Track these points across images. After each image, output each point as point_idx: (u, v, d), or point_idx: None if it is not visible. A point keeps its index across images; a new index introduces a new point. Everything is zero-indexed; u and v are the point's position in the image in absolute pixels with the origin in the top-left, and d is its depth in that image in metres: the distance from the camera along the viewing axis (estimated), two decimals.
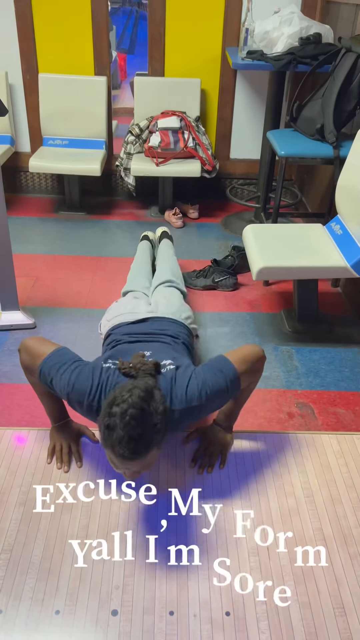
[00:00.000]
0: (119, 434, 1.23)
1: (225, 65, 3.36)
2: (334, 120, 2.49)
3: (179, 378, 1.46)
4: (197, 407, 1.44)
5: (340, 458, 1.75)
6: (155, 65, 3.40)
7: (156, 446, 1.30)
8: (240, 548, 1.46)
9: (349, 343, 2.35)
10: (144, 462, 1.29)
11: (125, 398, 1.26)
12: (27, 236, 3.23)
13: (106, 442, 1.27)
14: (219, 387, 1.46)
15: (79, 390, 1.44)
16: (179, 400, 1.42)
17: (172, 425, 1.41)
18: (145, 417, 1.26)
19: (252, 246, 2.25)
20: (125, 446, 1.23)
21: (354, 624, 1.31)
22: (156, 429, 1.28)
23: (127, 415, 1.23)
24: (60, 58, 3.36)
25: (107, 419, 1.26)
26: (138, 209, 3.65)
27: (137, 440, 1.24)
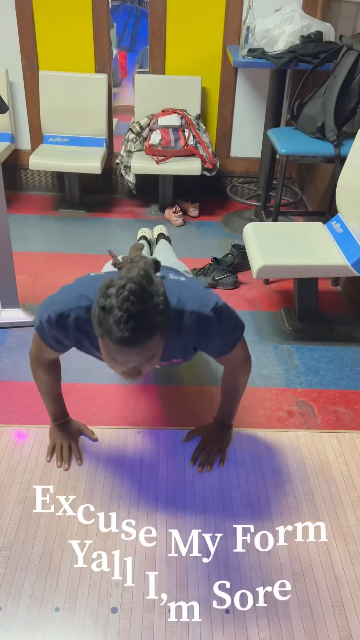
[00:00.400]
0: (116, 314, 1.06)
1: (226, 63, 3.35)
2: (335, 119, 2.49)
3: (189, 282, 1.32)
4: (208, 320, 1.29)
5: (340, 456, 1.75)
6: (156, 63, 3.39)
7: (158, 333, 1.12)
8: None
9: (349, 342, 2.35)
10: (145, 352, 1.12)
11: (123, 275, 1.09)
12: (27, 234, 3.23)
13: (102, 328, 1.09)
14: (233, 316, 1.37)
15: (63, 300, 1.30)
16: (191, 300, 1.28)
17: (175, 330, 1.29)
18: (146, 294, 1.08)
19: (252, 244, 2.25)
20: (124, 326, 1.05)
21: (353, 622, 1.31)
22: (159, 310, 1.10)
23: (125, 290, 1.06)
24: (61, 55, 3.36)
25: (103, 301, 1.09)
26: (138, 207, 3.64)
27: (138, 319, 1.06)
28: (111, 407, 1.93)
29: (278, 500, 1.60)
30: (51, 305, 1.35)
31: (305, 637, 1.28)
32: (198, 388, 2.05)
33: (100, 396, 1.98)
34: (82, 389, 2.01)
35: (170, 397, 1.99)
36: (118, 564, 1.41)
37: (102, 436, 1.79)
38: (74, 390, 1.98)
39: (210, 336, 1.36)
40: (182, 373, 2.13)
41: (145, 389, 2.03)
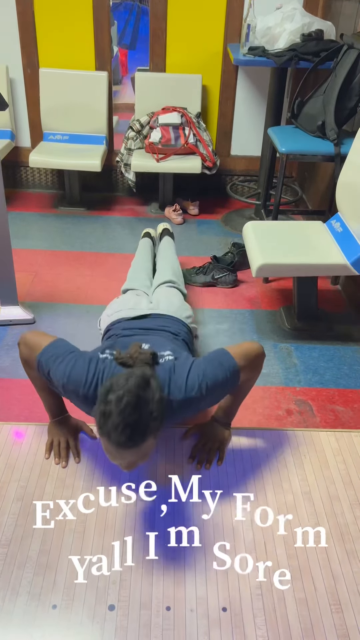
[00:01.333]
0: (114, 421, 1.21)
1: (227, 61, 3.35)
2: (335, 117, 2.49)
3: (178, 368, 1.45)
4: (196, 399, 1.43)
5: (338, 455, 1.75)
6: (157, 61, 3.39)
7: (153, 435, 1.28)
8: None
9: (348, 341, 2.35)
10: (140, 452, 1.27)
11: (122, 385, 1.24)
12: (26, 231, 3.23)
13: (102, 430, 1.25)
14: (219, 379, 1.45)
15: (75, 380, 1.43)
16: (178, 390, 1.42)
17: (169, 416, 1.41)
18: (142, 404, 1.24)
19: (252, 243, 2.25)
20: (121, 433, 1.21)
21: (350, 620, 1.31)
22: (153, 417, 1.26)
23: (122, 401, 1.21)
24: (61, 53, 3.35)
25: (103, 406, 1.24)
26: (138, 205, 3.64)
27: (133, 427, 1.22)
28: None
29: (276, 498, 1.60)
30: (65, 372, 1.44)
31: (302, 635, 1.28)
32: None
33: None
34: None
35: None
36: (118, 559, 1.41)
37: None
38: None
39: (203, 406, 1.51)
40: None
41: None
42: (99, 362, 1.46)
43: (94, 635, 1.26)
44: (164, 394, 1.37)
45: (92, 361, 1.46)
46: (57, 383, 1.47)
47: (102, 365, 1.45)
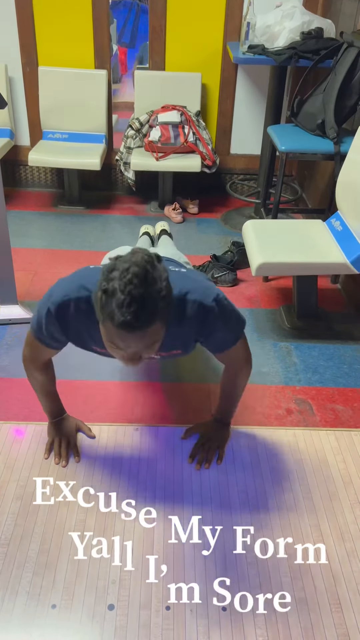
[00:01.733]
0: (119, 297, 1.05)
1: (226, 59, 3.34)
2: (335, 116, 2.48)
3: (192, 273, 1.33)
4: (210, 311, 1.30)
5: (338, 454, 1.75)
6: (156, 59, 3.38)
7: (160, 320, 1.12)
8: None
9: (348, 340, 2.34)
10: (146, 338, 1.12)
11: (127, 259, 1.09)
12: (26, 230, 3.22)
13: (104, 312, 1.09)
14: (234, 312, 1.38)
15: (62, 291, 1.29)
16: (194, 289, 1.28)
17: (179, 319, 1.28)
18: (149, 278, 1.08)
19: (251, 242, 2.25)
20: (126, 309, 1.05)
21: (350, 619, 1.31)
22: (161, 296, 1.09)
23: (129, 273, 1.06)
24: (61, 51, 3.34)
25: (105, 284, 1.08)
26: (138, 203, 3.63)
27: (140, 303, 1.06)
28: (109, 404, 1.93)
29: (276, 498, 1.59)
30: (49, 297, 1.34)
31: (303, 634, 1.28)
32: (197, 385, 2.04)
33: (99, 393, 1.97)
34: (80, 386, 2.00)
35: (169, 394, 1.99)
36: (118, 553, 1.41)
37: (100, 433, 1.78)
38: (72, 387, 1.98)
39: (211, 327, 1.36)
40: (181, 370, 2.12)
41: (143, 385, 2.03)
42: (89, 269, 1.34)
43: (94, 635, 1.26)
44: (178, 291, 1.23)
45: (79, 271, 1.34)
46: (50, 320, 1.33)
47: (94, 271, 1.30)
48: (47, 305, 1.34)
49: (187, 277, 1.35)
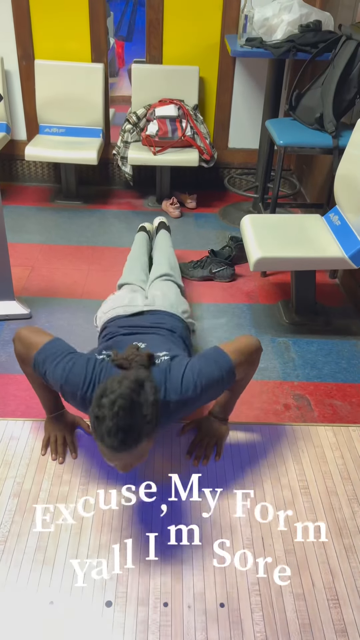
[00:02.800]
0: (107, 425, 1.20)
1: (224, 52, 3.32)
2: (334, 110, 2.46)
3: (173, 368, 1.44)
4: (192, 398, 1.43)
5: (336, 450, 1.75)
6: (154, 53, 3.36)
7: (147, 438, 1.27)
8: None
9: (347, 335, 2.34)
10: (135, 454, 1.27)
11: (115, 389, 1.23)
12: (23, 225, 3.20)
13: (96, 434, 1.24)
14: (215, 377, 1.45)
15: (73, 382, 1.42)
16: (173, 390, 1.41)
17: (166, 416, 1.40)
18: (135, 407, 1.23)
19: (249, 237, 2.24)
20: (114, 437, 1.20)
21: (348, 615, 1.31)
22: (146, 420, 1.25)
23: (115, 405, 1.20)
24: (57, 44, 3.32)
25: (97, 410, 1.23)
26: (135, 198, 3.62)
27: (126, 431, 1.21)
28: None
29: (274, 493, 1.59)
30: (62, 373, 1.43)
31: (300, 630, 1.27)
32: None
33: None
34: None
35: None
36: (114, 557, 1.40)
37: None
38: None
39: (201, 402, 1.50)
40: None
41: None
42: (97, 364, 1.45)
43: (91, 632, 1.26)
44: (160, 395, 1.36)
45: (90, 363, 1.45)
46: (55, 383, 1.46)
47: (100, 367, 1.44)
48: (57, 377, 1.44)
49: (169, 376, 1.43)
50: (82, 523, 1.48)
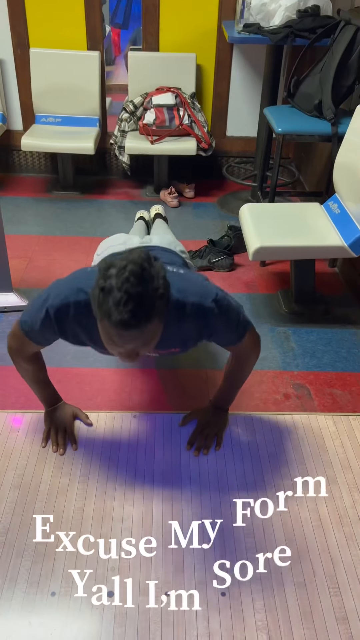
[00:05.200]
0: (116, 295, 1.05)
1: (222, 39, 3.28)
2: (333, 96, 2.44)
3: (188, 275, 1.32)
4: (210, 312, 1.29)
5: (337, 439, 1.75)
6: (150, 40, 3.31)
7: (158, 317, 1.11)
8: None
9: (346, 324, 2.33)
10: (144, 336, 1.11)
11: (125, 256, 1.08)
12: (20, 216, 3.18)
13: (101, 310, 1.08)
14: (233, 313, 1.37)
15: (60, 295, 1.28)
16: (192, 292, 1.27)
17: (177, 320, 1.28)
18: (146, 276, 1.07)
19: (248, 226, 2.22)
20: (123, 308, 1.04)
21: (349, 603, 1.31)
22: (158, 294, 1.09)
23: (125, 271, 1.05)
24: (52, 32, 3.27)
25: (102, 282, 1.08)
26: (133, 188, 3.59)
27: (138, 302, 1.05)
28: (107, 391, 1.92)
29: (274, 482, 1.59)
30: (46, 299, 1.32)
31: (301, 618, 1.28)
32: (194, 371, 2.03)
33: (96, 380, 1.96)
34: (78, 373, 1.99)
35: (167, 381, 1.98)
36: (115, 547, 1.41)
37: (97, 420, 1.78)
38: (69, 375, 1.97)
39: (212, 328, 1.36)
40: (179, 356, 2.11)
41: (141, 372, 2.02)
42: (85, 271, 1.33)
43: (93, 622, 1.26)
44: (173, 292, 1.22)
45: (75, 274, 1.33)
46: (46, 323, 1.32)
47: (91, 272, 1.29)
48: (44, 308, 1.32)
49: (184, 278, 1.34)
50: (83, 514, 1.48)
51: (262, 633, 1.25)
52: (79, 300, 1.28)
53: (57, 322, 1.32)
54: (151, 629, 1.25)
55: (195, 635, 1.24)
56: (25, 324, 1.39)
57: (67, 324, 1.33)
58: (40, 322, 1.34)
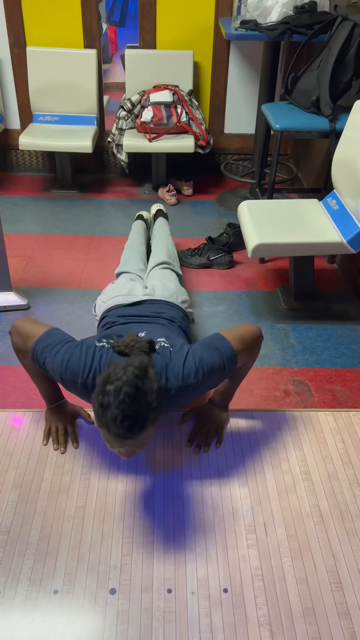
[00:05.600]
0: (113, 412, 1.20)
1: (219, 36, 3.27)
2: (330, 92, 2.44)
3: (174, 356, 1.44)
4: (193, 385, 1.42)
5: (337, 435, 1.75)
6: (147, 37, 3.31)
7: (151, 424, 1.27)
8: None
9: (345, 320, 2.33)
10: (139, 441, 1.27)
11: (120, 376, 1.22)
12: (18, 216, 3.18)
13: (101, 421, 1.24)
14: (216, 364, 1.44)
15: (73, 370, 1.41)
16: (175, 377, 1.41)
17: (167, 403, 1.40)
18: (140, 395, 1.23)
19: (247, 223, 2.22)
20: (120, 425, 1.20)
21: (351, 598, 1.32)
22: (151, 407, 1.25)
23: (121, 393, 1.20)
24: (49, 31, 3.27)
25: (102, 398, 1.23)
26: (131, 186, 3.59)
27: (132, 419, 1.21)
28: None
29: (275, 479, 1.60)
30: (62, 363, 1.42)
31: (303, 614, 1.28)
32: None
33: None
34: None
35: None
36: (117, 545, 1.41)
37: None
38: None
39: (201, 391, 1.48)
40: None
41: None
42: (96, 350, 1.44)
43: (96, 619, 1.27)
44: (162, 382, 1.36)
45: (89, 350, 1.44)
46: (54, 373, 1.45)
47: (99, 354, 1.43)
48: (57, 367, 1.42)
49: (170, 362, 1.42)
50: (84, 512, 1.49)
51: (264, 629, 1.26)
52: (88, 378, 1.41)
53: (63, 383, 1.47)
54: (154, 626, 1.25)
55: (198, 631, 1.25)
56: (37, 351, 1.47)
57: (69, 387, 1.47)
58: (47, 364, 1.46)
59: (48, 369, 1.47)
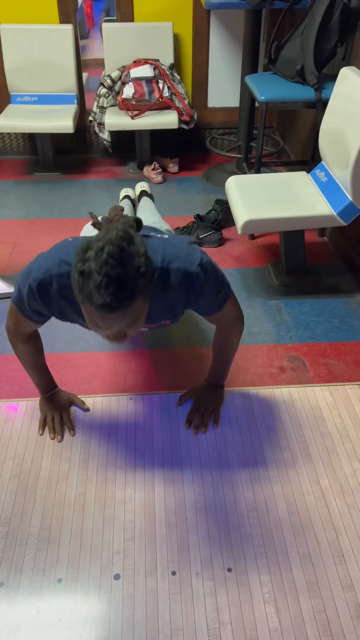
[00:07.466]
0: (96, 279, 1.00)
1: (198, 6, 3.17)
2: (315, 60, 2.38)
3: (172, 239, 1.29)
4: (196, 277, 1.25)
5: (334, 409, 1.75)
6: (124, 10, 3.20)
7: (142, 296, 1.07)
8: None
9: (337, 293, 2.32)
10: (128, 316, 1.07)
11: (101, 237, 1.03)
12: (1, 200, 3.11)
13: (82, 294, 1.04)
14: (219, 276, 1.34)
15: (42, 268, 1.24)
16: (176, 257, 1.24)
17: (163, 291, 1.25)
18: (126, 256, 1.02)
19: (235, 199, 2.18)
20: (104, 291, 1.00)
21: (354, 570, 1.33)
22: (140, 272, 1.04)
23: (103, 253, 1.00)
24: (22, 6, 3.15)
25: (81, 265, 1.03)
26: (115, 165, 3.52)
27: (119, 284, 1.01)
28: (101, 374, 1.90)
29: (274, 456, 1.60)
30: (29, 273, 1.29)
31: (308, 588, 1.29)
32: (188, 350, 2.02)
33: (90, 364, 1.94)
34: (71, 358, 1.97)
35: (161, 361, 1.97)
36: (120, 530, 1.41)
37: (94, 405, 1.76)
38: (62, 360, 1.95)
39: (198, 293, 1.32)
40: (172, 335, 2.09)
41: (135, 354, 2.00)
42: (68, 242, 1.29)
43: (102, 605, 1.27)
44: (159, 261, 1.21)
45: (57, 246, 1.29)
46: (30, 298, 1.30)
47: (73, 243, 1.26)
48: (27, 282, 1.29)
49: (168, 243, 1.30)
50: (84, 499, 1.48)
51: (269, 605, 1.26)
52: (62, 272, 1.24)
53: (40, 296, 1.28)
54: (160, 609, 1.26)
55: (204, 611, 1.25)
56: (14, 299, 1.36)
57: (51, 298, 1.29)
58: (25, 296, 1.31)
59: (29, 303, 1.32)
